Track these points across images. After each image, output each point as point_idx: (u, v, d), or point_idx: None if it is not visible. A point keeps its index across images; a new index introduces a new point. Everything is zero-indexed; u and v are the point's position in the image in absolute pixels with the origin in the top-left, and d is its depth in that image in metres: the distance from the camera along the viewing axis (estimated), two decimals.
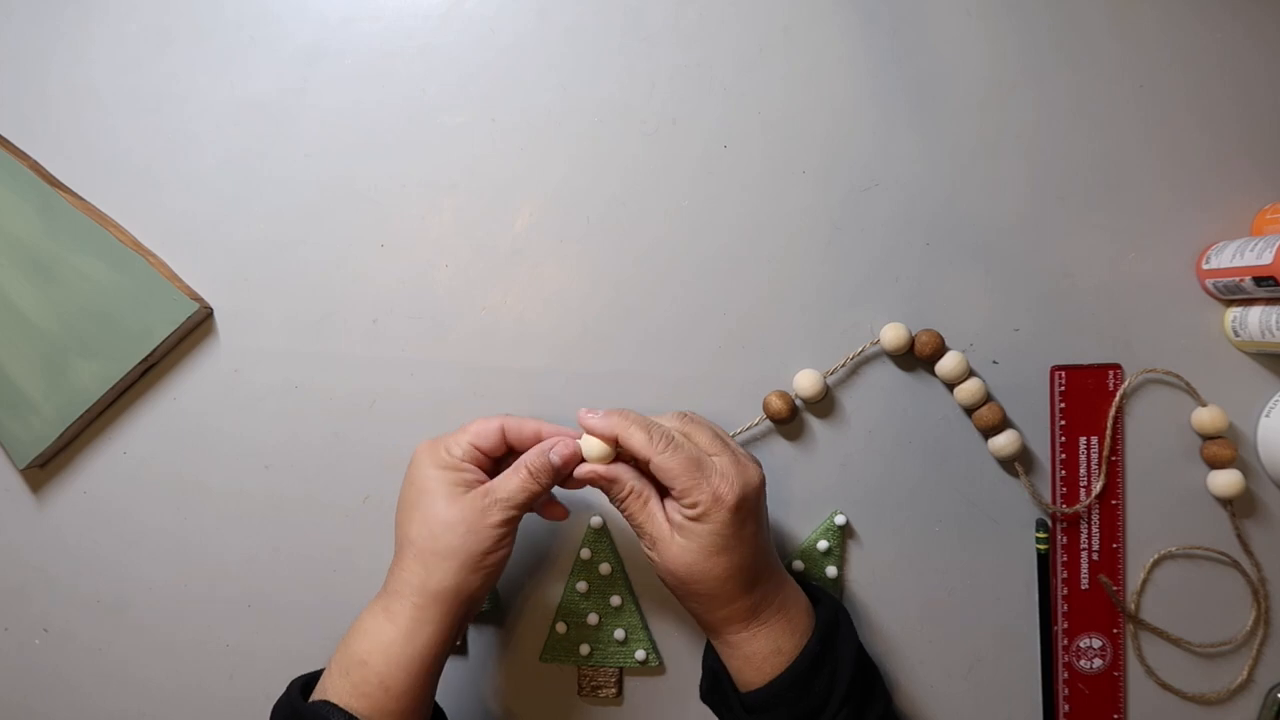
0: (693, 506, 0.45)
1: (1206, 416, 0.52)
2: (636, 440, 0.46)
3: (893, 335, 0.53)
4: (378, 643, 0.45)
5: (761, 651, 0.46)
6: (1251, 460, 0.53)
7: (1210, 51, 0.53)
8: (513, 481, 0.46)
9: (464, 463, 0.47)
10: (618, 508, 0.48)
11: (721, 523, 0.44)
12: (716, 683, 0.49)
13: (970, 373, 0.53)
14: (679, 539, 0.45)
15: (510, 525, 0.46)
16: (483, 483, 0.47)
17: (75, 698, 0.57)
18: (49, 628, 0.57)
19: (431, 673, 0.45)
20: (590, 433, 0.47)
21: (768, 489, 0.49)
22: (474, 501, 0.46)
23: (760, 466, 0.47)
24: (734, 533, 0.45)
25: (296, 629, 0.56)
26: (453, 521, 0.45)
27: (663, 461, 0.45)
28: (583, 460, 0.47)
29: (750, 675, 0.47)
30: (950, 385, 0.53)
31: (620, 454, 0.47)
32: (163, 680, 0.57)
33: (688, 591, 0.46)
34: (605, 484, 0.47)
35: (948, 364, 0.52)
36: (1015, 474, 0.54)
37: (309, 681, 0.47)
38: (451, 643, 0.46)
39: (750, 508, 0.46)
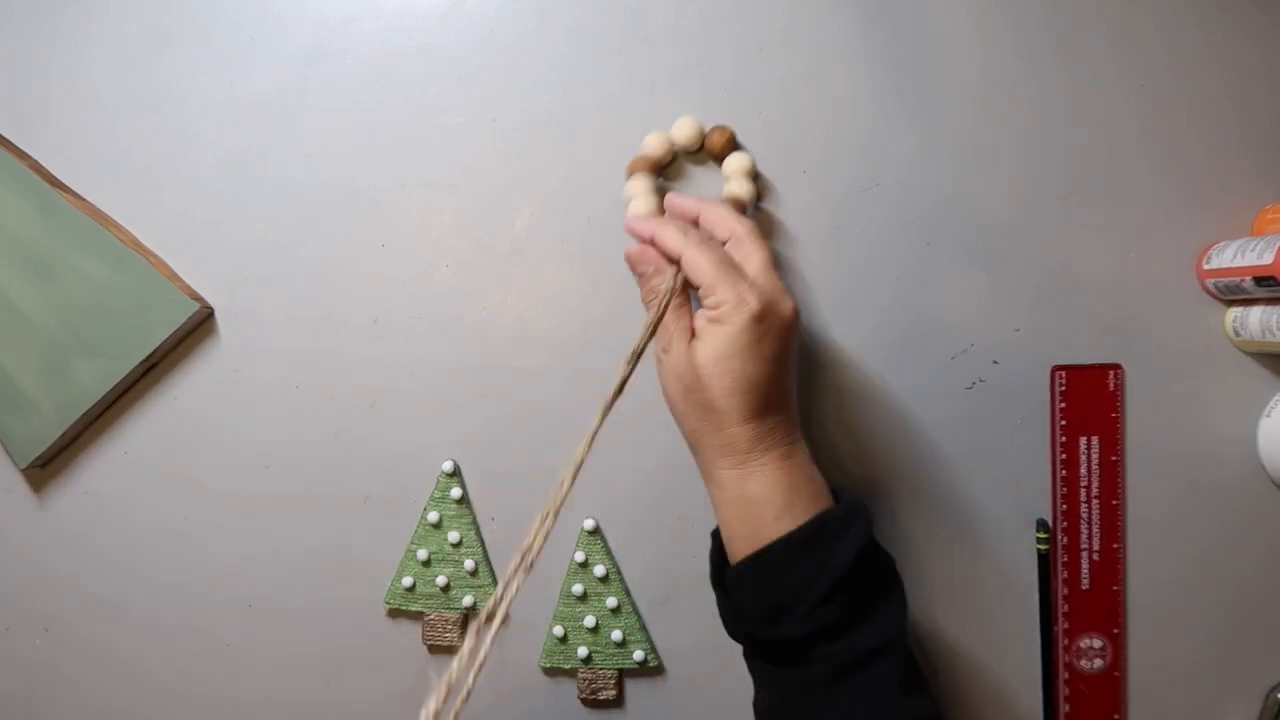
0: (715, 306, 0.43)
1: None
2: (669, 237, 0.45)
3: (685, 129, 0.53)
4: None
5: (752, 496, 0.43)
6: None
7: (1210, 51, 0.53)
8: None
9: None
10: (644, 302, 0.46)
11: (740, 327, 0.42)
12: (716, 566, 0.46)
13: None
14: (695, 341, 0.44)
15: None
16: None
17: (76, 697, 0.57)
18: (50, 627, 0.57)
19: None
20: (633, 234, 0.47)
21: None
22: None
23: (797, 305, 0.45)
24: (751, 343, 0.42)
25: (297, 629, 0.56)
26: None
27: (692, 256, 0.44)
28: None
29: (736, 531, 0.43)
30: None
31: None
32: (163, 680, 0.57)
33: (691, 402, 0.44)
34: (633, 263, 0.46)
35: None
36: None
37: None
38: None
39: (775, 328, 0.43)
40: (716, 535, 0.46)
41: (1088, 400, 0.53)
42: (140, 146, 0.57)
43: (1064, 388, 0.54)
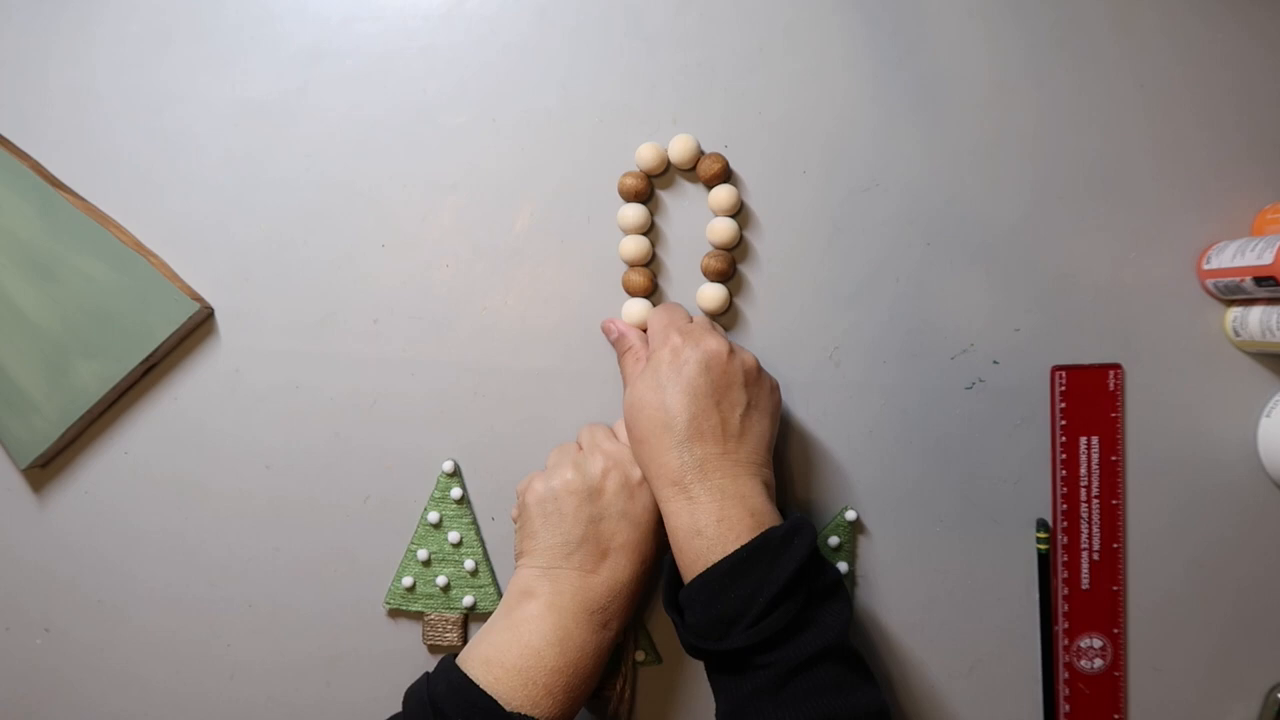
0: (654, 352, 0.49)
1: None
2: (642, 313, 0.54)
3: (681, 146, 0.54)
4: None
5: (682, 528, 0.46)
6: None
7: (1211, 51, 0.53)
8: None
9: None
10: (620, 363, 0.54)
11: (659, 361, 0.48)
12: (669, 590, 0.48)
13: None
14: (631, 381, 0.50)
15: None
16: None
17: (75, 698, 0.57)
18: (49, 628, 0.57)
19: None
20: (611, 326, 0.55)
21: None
22: None
23: (733, 349, 0.49)
24: (669, 375, 0.47)
25: (297, 629, 0.56)
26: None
27: (653, 316, 0.52)
28: None
29: (682, 559, 0.46)
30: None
31: None
32: (163, 680, 0.57)
33: (631, 438, 0.49)
34: (615, 338, 0.54)
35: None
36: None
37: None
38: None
39: (694, 361, 0.47)
40: (670, 562, 0.48)
41: (1088, 400, 0.54)
42: (140, 146, 0.57)
43: (1064, 388, 0.54)
